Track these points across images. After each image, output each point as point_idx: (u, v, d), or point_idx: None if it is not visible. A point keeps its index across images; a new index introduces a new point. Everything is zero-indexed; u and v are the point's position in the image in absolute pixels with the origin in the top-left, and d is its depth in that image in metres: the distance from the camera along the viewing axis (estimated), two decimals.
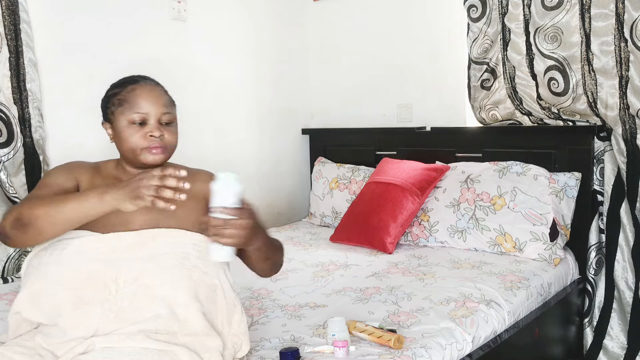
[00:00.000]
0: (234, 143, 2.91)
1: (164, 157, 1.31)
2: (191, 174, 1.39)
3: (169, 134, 1.31)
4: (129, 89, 1.31)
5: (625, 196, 2.27)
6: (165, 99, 1.33)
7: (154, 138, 1.28)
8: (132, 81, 1.33)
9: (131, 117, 1.28)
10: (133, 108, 1.28)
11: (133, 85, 1.31)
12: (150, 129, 1.28)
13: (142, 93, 1.29)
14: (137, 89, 1.30)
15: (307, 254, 2.42)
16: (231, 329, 1.28)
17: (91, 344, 1.15)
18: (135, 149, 1.29)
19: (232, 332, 1.28)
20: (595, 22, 2.23)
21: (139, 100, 1.28)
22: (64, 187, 1.30)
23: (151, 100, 1.29)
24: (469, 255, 2.31)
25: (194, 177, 1.38)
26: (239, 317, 1.30)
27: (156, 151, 1.29)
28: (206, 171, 1.44)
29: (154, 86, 1.33)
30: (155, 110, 1.29)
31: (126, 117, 1.28)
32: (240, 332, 1.29)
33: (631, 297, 2.29)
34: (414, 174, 2.51)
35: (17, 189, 2.04)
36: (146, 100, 1.29)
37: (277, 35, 3.14)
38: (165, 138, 1.30)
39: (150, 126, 1.29)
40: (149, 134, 1.28)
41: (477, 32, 2.55)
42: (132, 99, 1.29)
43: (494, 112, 2.60)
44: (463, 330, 1.61)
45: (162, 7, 2.54)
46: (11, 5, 1.99)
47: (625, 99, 2.21)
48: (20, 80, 2.03)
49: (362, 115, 3.11)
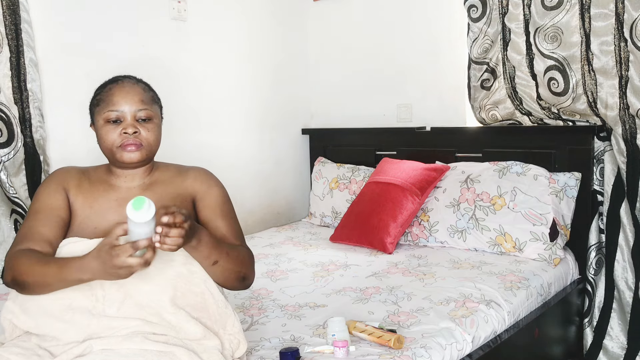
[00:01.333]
0: (234, 143, 2.91)
1: (139, 155, 1.29)
2: (181, 172, 1.39)
3: (146, 131, 1.30)
4: (107, 88, 1.31)
5: (625, 196, 2.27)
6: (142, 96, 1.31)
7: (128, 135, 1.28)
8: (112, 81, 1.33)
9: (106, 115, 1.28)
10: (108, 106, 1.28)
11: (112, 84, 1.31)
12: (125, 126, 1.28)
13: (118, 91, 1.29)
14: (114, 88, 1.30)
15: (307, 254, 2.42)
16: (226, 331, 1.28)
17: (89, 345, 1.14)
18: (111, 148, 1.29)
19: (228, 333, 1.28)
20: (595, 22, 2.23)
21: (114, 98, 1.28)
22: (54, 208, 1.29)
23: (126, 97, 1.28)
24: (469, 255, 2.31)
25: (184, 175, 1.39)
26: (232, 320, 1.28)
27: (131, 148, 1.28)
28: (197, 168, 1.42)
29: (132, 84, 1.32)
30: (130, 107, 1.28)
31: (102, 116, 1.29)
32: (235, 331, 1.29)
33: (631, 297, 2.29)
34: (414, 174, 2.51)
35: (18, 189, 2.04)
36: (121, 98, 1.28)
37: (277, 35, 3.14)
38: (141, 135, 1.29)
39: (125, 123, 1.28)
40: (123, 131, 1.28)
41: (477, 32, 2.55)
42: (108, 98, 1.29)
43: (494, 112, 2.60)
44: (463, 330, 1.61)
45: (162, 7, 2.54)
46: (12, 5, 1.99)
47: (625, 98, 2.21)
48: (21, 80, 2.03)
49: (362, 115, 3.11)
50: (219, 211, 1.36)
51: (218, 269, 1.24)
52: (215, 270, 1.25)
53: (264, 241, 2.65)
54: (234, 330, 1.28)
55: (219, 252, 1.23)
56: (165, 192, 1.34)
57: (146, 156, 1.31)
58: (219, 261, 1.23)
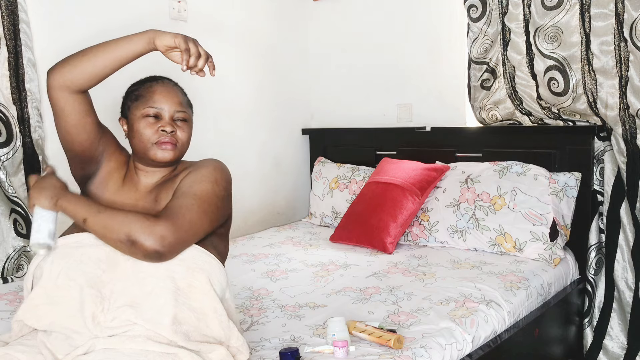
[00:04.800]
0: (234, 143, 2.91)
1: (173, 155, 1.31)
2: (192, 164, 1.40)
3: (181, 132, 1.33)
4: (147, 85, 1.34)
5: (625, 196, 2.27)
6: (181, 98, 1.36)
7: (166, 133, 1.30)
8: (151, 79, 1.37)
9: (145, 110, 1.30)
10: (148, 102, 1.31)
11: (151, 82, 1.35)
12: (163, 124, 1.30)
13: (159, 89, 1.33)
14: (154, 86, 1.34)
15: (307, 254, 2.42)
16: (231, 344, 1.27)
17: (92, 345, 1.15)
18: (146, 143, 1.30)
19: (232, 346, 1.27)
20: (595, 22, 2.23)
21: (154, 95, 1.32)
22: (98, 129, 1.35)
23: (167, 96, 1.32)
24: (468, 255, 2.30)
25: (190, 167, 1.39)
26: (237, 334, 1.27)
27: (166, 147, 1.30)
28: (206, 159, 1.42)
29: (171, 85, 1.37)
30: (169, 106, 1.32)
31: (140, 111, 1.31)
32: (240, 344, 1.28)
33: (631, 297, 2.29)
34: (414, 174, 2.51)
35: (17, 189, 2.04)
36: (162, 96, 1.32)
37: (277, 35, 3.14)
38: (177, 135, 1.32)
39: (163, 121, 1.31)
40: (160, 128, 1.30)
41: (477, 32, 2.55)
42: (148, 94, 1.32)
43: (494, 112, 2.60)
44: (463, 330, 1.61)
45: (162, 7, 2.54)
46: (10, 5, 1.99)
47: (625, 98, 2.20)
48: (19, 80, 2.03)
49: (362, 115, 3.11)
50: (184, 189, 1.27)
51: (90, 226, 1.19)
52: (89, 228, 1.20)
53: (264, 241, 2.65)
54: (238, 343, 1.28)
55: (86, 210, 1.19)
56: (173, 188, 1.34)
57: (178, 156, 1.34)
58: (87, 219, 1.19)
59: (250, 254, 2.42)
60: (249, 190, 2.98)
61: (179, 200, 1.24)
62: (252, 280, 2.06)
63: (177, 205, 1.23)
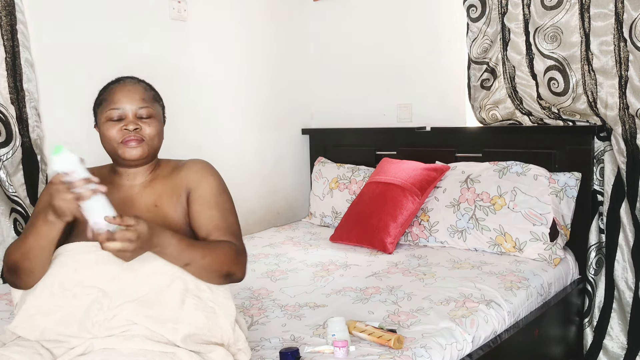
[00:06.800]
0: (234, 143, 2.91)
1: (141, 150, 1.30)
2: (179, 165, 1.39)
3: (148, 127, 1.31)
4: (109, 88, 1.34)
5: (625, 196, 2.27)
6: (143, 95, 1.33)
7: (129, 131, 1.29)
8: (114, 82, 1.36)
9: (108, 113, 1.30)
10: (109, 104, 1.31)
11: (114, 84, 1.34)
12: (126, 122, 1.30)
13: (118, 90, 1.32)
14: (114, 88, 1.33)
15: (307, 254, 2.41)
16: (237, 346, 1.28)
17: (90, 345, 1.14)
18: (112, 143, 1.30)
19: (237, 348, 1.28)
20: (595, 22, 2.23)
21: (115, 96, 1.31)
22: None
23: (127, 95, 1.31)
24: (469, 255, 2.30)
25: (180, 168, 1.39)
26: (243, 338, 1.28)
27: (132, 144, 1.29)
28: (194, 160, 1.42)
29: (133, 83, 1.34)
30: (130, 105, 1.30)
31: (104, 115, 1.31)
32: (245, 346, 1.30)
33: (631, 297, 2.29)
34: (414, 174, 2.51)
35: (17, 188, 2.04)
36: (122, 96, 1.31)
37: (277, 35, 3.13)
38: (142, 131, 1.30)
39: (127, 120, 1.30)
40: (124, 127, 1.29)
41: (477, 31, 2.55)
42: (109, 97, 1.32)
43: (494, 112, 2.60)
44: (463, 330, 1.61)
45: (162, 7, 2.53)
46: (7, 6, 1.99)
47: (624, 98, 2.20)
48: (17, 80, 2.03)
49: (362, 115, 3.11)
50: (213, 202, 1.33)
51: (191, 269, 1.21)
52: (189, 271, 1.22)
53: (264, 241, 2.65)
54: (244, 345, 1.29)
55: (190, 254, 1.19)
56: (162, 188, 1.35)
57: (148, 152, 1.32)
58: (190, 264, 1.20)
59: (250, 254, 2.41)
60: (249, 190, 2.98)
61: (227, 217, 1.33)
62: (252, 280, 2.06)
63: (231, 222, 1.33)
